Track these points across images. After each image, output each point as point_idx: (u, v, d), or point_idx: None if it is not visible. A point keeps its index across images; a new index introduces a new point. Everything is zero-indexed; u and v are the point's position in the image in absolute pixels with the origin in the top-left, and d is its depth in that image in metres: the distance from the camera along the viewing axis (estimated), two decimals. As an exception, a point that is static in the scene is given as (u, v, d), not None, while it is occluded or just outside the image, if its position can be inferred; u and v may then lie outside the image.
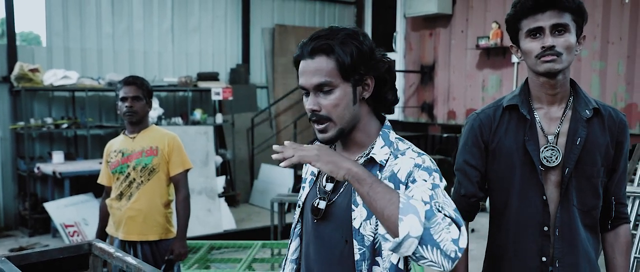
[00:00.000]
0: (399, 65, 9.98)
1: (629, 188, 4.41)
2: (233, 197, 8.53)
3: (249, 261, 4.87)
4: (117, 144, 3.44)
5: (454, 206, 1.43)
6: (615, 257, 1.96)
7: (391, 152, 1.56)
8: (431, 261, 1.32)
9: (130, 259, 1.96)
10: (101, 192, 3.69)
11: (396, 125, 9.75)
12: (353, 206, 1.55)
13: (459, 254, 1.33)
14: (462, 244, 1.34)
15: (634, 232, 4.25)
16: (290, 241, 1.76)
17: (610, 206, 1.95)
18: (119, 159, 3.36)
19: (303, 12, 9.97)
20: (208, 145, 7.20)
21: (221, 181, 7.86)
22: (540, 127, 1.88)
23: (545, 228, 1.86)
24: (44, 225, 7.09)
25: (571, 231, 1.86)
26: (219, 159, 8.15)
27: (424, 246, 1.31)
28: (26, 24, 7.98)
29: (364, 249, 1.53)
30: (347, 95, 1.52)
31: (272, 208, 6.09)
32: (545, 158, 1.84)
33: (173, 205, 3.48)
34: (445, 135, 9.05)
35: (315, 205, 1.62)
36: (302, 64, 1.55)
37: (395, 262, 1.54)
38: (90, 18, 7.90)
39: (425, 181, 1.46)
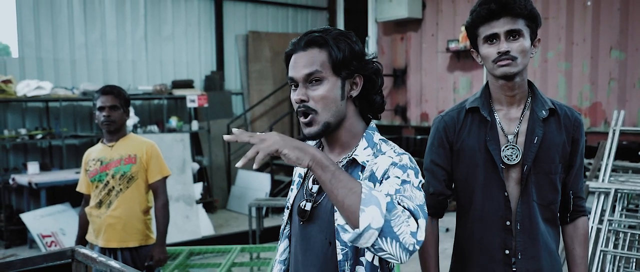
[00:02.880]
0: (372, 69, 10.11)
1: (594, 184, 4.59)
2: (211, 203, 8.57)
3: (229, 266, 4.92)
4: (95, 153, 3.48)
5: (422, 200, 1.46)
6: (575, 248, 2.08)
7: (373, 152, 1.58)
8: (389, 254, 1.33)
9: (113, 263, 2.03)
10: (78, 202, 3.73)
11: (370, 129, 9.86)
12: (335, 208, 1.54)
13: (417, 247, 1.35)
14: (420, 237, 1.36)
15: (599, 226, 4.41)
16: (279, 242, 1.78)
17: (569, 199, 2.07)
18: (98, 167, 3.40)
19: (276, 18, 10.07)
20: (185, 152, 7.24)
21: (198, 187, 7.89)
22: (500, 127, 1.99)
23: (508, 222, 1.98)
24: (20, 236, 7.03)
25: (531, 225, 1.97)
26: (196, 166, 8.18)
27: (383, 238, 1.32)
28: (-2, 34, 7.92)
29: (347, 249, 1.55)
30: (335, 89, 1.55)
31: (250, 213, 6.16)
32: (505, 156, 1.96)
33: (152, 212, 3.54)
34: (418, 137, 9.20)
35: (302, 207, 1.63)
36: (294, 57, 1.58)
37: (370, 260, 1.56)
38: (63, 28, 7.88)
39: (398, 177, 1.48)
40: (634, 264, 4.43)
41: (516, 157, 1.96)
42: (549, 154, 1.97)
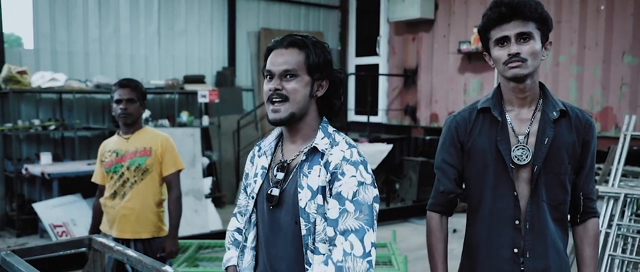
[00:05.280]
0: (382, 69, 10.15)
1: (604, 188, 4.60)
2: (219, 198, 8.63)
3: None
4: (111, 144, 3.54)
5: (370, 201, 1.74)
6: (585, 249, 2.10)
7: (330, 142, 1.82)
8: None
9: (130, 252, 2.08)
10: (89, 193, 3.78)
11: (380, 128, 9.91)
12: (299, 190, 1.79)
13: (373, 264, 1.69)
14: (370, 252, 1.69)
15: (608, 230, 4.42)
16: (246, 230, 1.95)
17: (579, 201, 2.09)
18: (113, 159, 3.46)
19: (288, 16, 10.11)
20: (195, 147, 7.30)
21: (208, 182, 7.96)
22: (511, 128, 2.03)
23: (517, 222, 2.01)
24: (32, 226, 7.13)
25: (540, 224, 2.01)
26: (206, 161, 8.24)
27: None
28: (12, 26, 7.99)
29: (309, 225, 1.77)
30: (306, 86, 1.80)
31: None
32: (516, 157, 1.99)
33: (165, 204, 3.60)
34: (428, 137, 9.22)
35: (270, 193, 1.83)
36: (275, 52, 1.82)
37: (318, 245, 1.77)
38: (77, 21, 7.96)
39: (354, 176, 1.74)
40: (641, 268, 4.43)
41: (526, 157, 1.99)
42: (559, 155, 2.00)
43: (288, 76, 1.78)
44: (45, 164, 7.13)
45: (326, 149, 1.79)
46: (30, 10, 7.59)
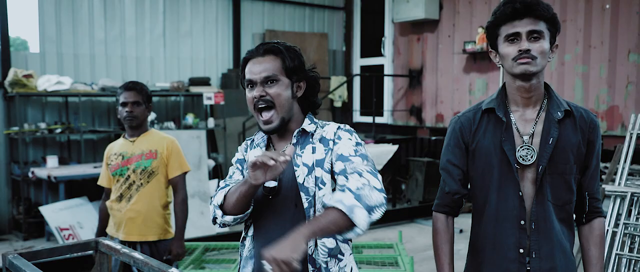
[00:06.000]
0: (387, 70, 10.15)
1: (611, 188, 4.58)
2: (225, 200, 8.63)
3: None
4: (117, 147, 3.55)
5: (371, 162, 1.84)
6: (590, 248, 2.10)
7: (317, 126, 1.98)
8: (378, 216, 1.72)
9: (136, 254, 2.08)
10: (95, 196, 3.79)
11: (385, 128, 9.91)
12: (295, 168, 1.90)
13: (384, 196, 1.74)
14: (381, 185, 1.76)
15: (615, 229, 4.40)
16: (248, 221, 2.01)
17: (584, 200, 2.09)
18: (119, 162, 3.47)
19: (293, 17, 10.12)
20: (201, 149, 7.31)
21: (213, 184, 7.96)
22: (516, 128, 2.03)
23: (522, 222, 2.01)
24: (38, 229, 7.16)
25: (546, 224, 2.00)
26: (212, 163, 8.26)
27: (371, 214, 1.69)
28: (18, 30, 8.04)
29: (310, 198, 1.88)
30: (287, 88, 1.92)
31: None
32: (521, 157, 1.99)
33: (171, 206, 3.61)
34: (433, 138, 9.21)
35: (269, 186, 1.92)
36: (252, 62, 1.93)
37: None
38: (83, 24, 7.99)
39: (350, 139, 1.91)
40: (649, 268, 4.41)
41: (531, 157, 1.99)
42: (564, 155, 2.00)
43: (269, 82, 1.89)
44: (52, 168, 7.16)
45: (315, 129, 1.95)
46: (36, 14, 7.63)
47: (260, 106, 1.89)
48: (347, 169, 1.81)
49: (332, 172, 1.88)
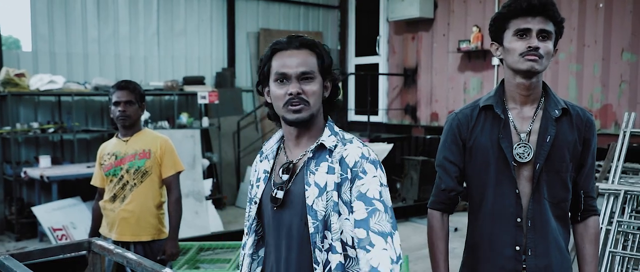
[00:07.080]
0: (382, 68, 10.15)
1: (604, 185, 4.59)
2: (220, 199, 8.62)
3: (238, 262, 4.97)
4: (110, 147, 3.52)
5: (391, 209, 1.71)
6: (585, 246, 2.10)
7: (338, 139, 1.79)
8: None
9: (130, 254, 2.06)
10: (88, 196, 3.76)
11: (380, 127, 9.91)
12: (306, 187, 1.74)
13: (401, 266, 1.66)
14: (399, 253, 1.66)
15: (608, 227, 4.41)
16: (246, 237, 1.91)
17: (580, 198, 2.09)
18: (113, 162, 3.44)
19: (287, 16, 10.10)
20: (195, 148, 7.29)
21: (208, 183, 7.94)
22: (513, 125, 2.02)
23: (518, 219, 2.01)
24: (31, 229, 7.11)
25: (542, 222, 2.00)
26: (206, 162, 8.23)
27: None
28: (10, 28, 7.98)
29: (317, 223, 1.72)
30: (320, 87, 1.79)
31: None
32: (518, 154, 1.99)
33: (165, 206, 3.58)
34: (428, 136, 9.22)
35: (274, 195, 1.79)
36: (286, 53, 1.76)
37: (335, 244, 1.73)
38: (76, 22, 7.94)
39: (375, 176, 1.72)
40: (643, 266, 4.42)
41: (528, 155, 1.99)
42: (561, 153, 2.00)
43: (305, 79, 1.74)
44: (44, 167, 7.11)
45: (335, 145, 1.77)
46: (28, 12, 7.57)
47: (294, 104, 1.72)
48: (370, 223, 1.67)
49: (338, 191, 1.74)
